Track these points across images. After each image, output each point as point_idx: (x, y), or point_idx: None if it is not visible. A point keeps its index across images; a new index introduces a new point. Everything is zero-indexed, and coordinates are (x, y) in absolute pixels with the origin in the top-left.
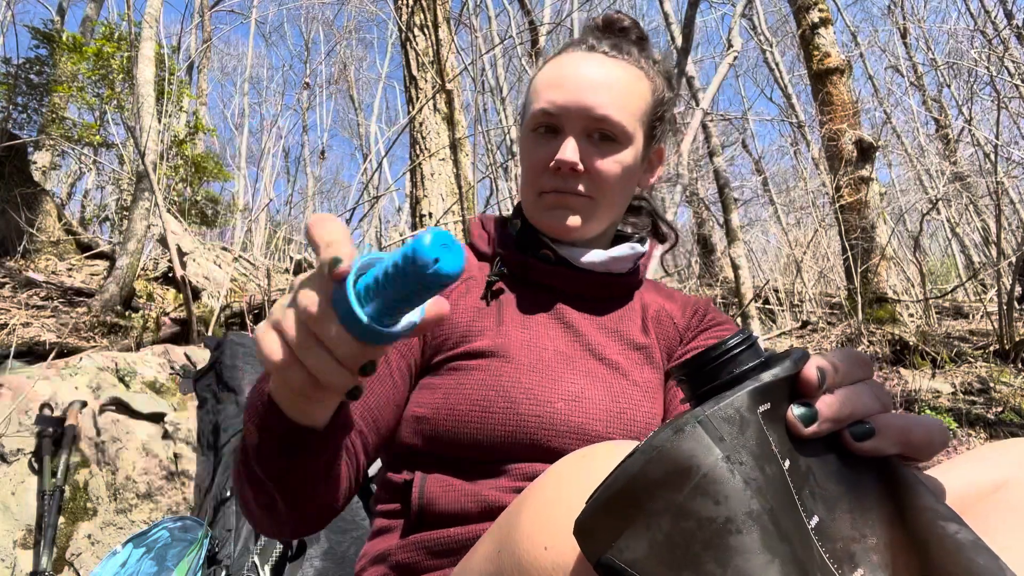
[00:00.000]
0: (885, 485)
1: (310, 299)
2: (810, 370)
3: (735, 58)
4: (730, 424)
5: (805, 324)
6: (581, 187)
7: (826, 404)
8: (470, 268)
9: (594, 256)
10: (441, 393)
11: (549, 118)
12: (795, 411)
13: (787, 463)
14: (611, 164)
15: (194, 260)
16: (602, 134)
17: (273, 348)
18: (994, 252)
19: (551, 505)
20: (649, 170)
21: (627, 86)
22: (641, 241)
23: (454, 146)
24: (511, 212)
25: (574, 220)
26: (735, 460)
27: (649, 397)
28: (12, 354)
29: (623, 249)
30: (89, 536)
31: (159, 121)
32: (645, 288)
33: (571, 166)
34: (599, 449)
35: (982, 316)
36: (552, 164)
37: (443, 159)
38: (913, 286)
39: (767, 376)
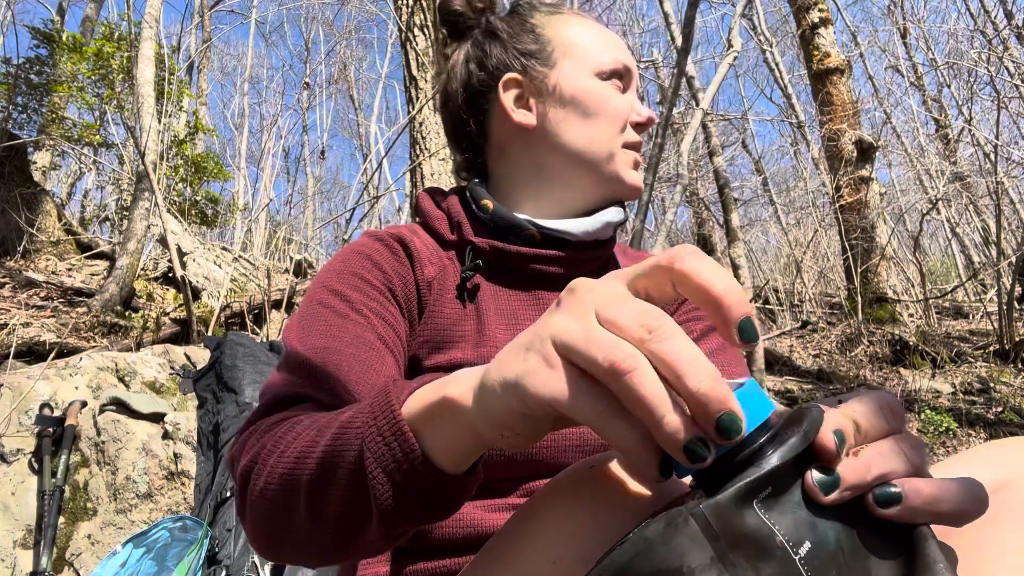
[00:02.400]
0: (904, 558)
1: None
2: (826, 437)
3: (735, 58)
4: (724, 520)
5: (805, 324)
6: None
7: (849, 468)
8: (429, 258)
9: (587, 224)
10: None
11: (624, 72)
12: (814, 477)
13: (806, 546)
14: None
15: (194, 260)
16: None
17: (653, 388)
18: (994, 252)
19: (557, 518)
20: None
21: None
22: (619, 202)
23: None
24: (468, 190)
25: (640, 179)
26: (728, 562)
27: None
28: (12, 354)
29: (615, 213)
30: (89, 536)
31: (159, 121)
32: (617, 256)
33: (653, 123)
34: (607, 458)
35: (982, 316)
36: (644, 120)
37: (443, 159)
38: (913, 286)
39: (767, 465)
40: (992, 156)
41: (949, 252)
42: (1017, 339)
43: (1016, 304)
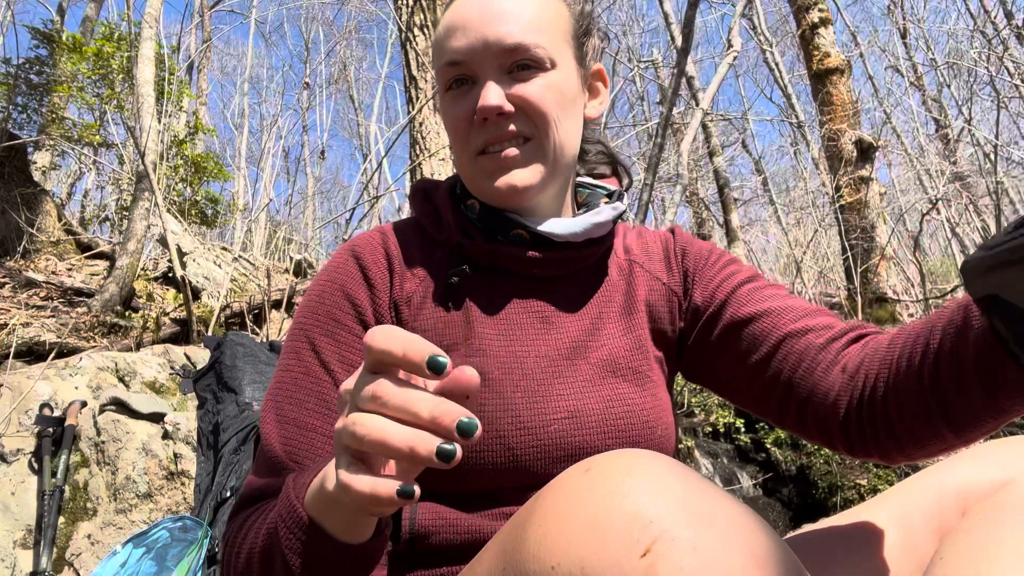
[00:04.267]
0: None
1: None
2: None
3: (735, 58)
4: None
5: None
6: (515, 127)
7: None
8: (411, 267)
9: (573, 225)
10: None
11: (458, 69)
12: None
13: None
14: (540, 90)
15: (194, 260)
16: (521, 65)
17: (398, 434)
18: None
19: (557, 522)
20: (593, 95)
21: (535, 6)
22: (619, 196)
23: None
24: (457, 187)
25: (522, 176)
26: None
27: (643, 389)
28: (12, 354)
29: (604, 212)
30: (89, 536)
31: (159, 121)
32: (617, 243)
33: (496, 110)
34: (603, 461)
35: None
36: (476, 116)
37: (443, 159)
38: (913, 286)
39: None
40: (992, 156)
41: (949, 252)
42: None
43: None
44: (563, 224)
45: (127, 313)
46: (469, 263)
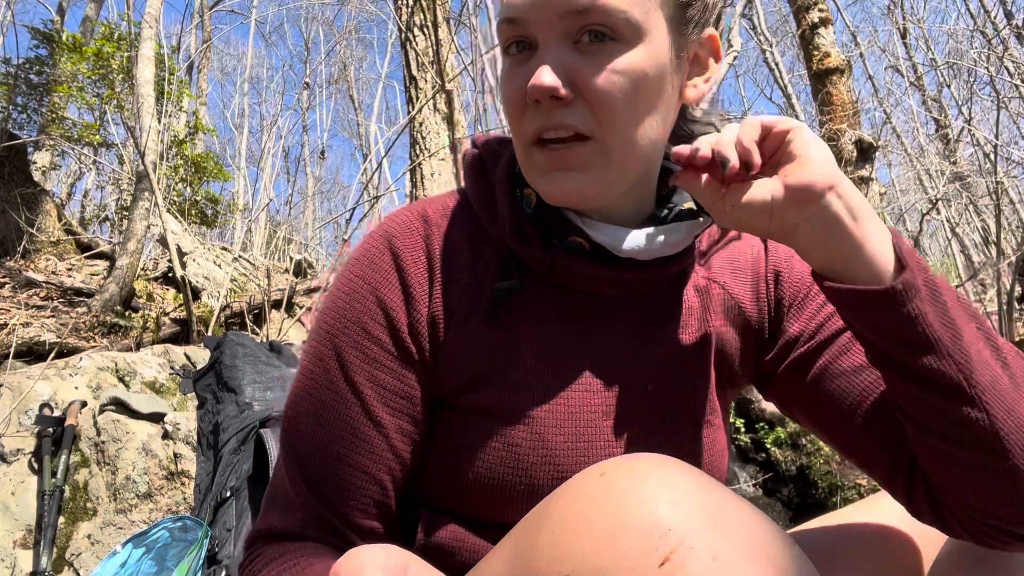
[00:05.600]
0: None
1: None
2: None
3: (735, 58)
4: None
5: None
6: (573, 121)
7: None
8: (456, 267)
9: (640, 239)
10: (449, 464)
11: (514, 29)
12: None
13: None
14: (613, 76)
15: (194, 260)
16: (593, 32)
17: None
18: (994, 252)
19: (571, 528)
20: (697, 71)
21: None
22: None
23: (454, 146)
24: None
25: (579, 182)
26: None
27: (702, 438)
28: (12, 354)
29: (681, 229)
30: (89, 536)
31: (159, 121)
32: (697, 254)
33: (549, 92)
34: (618, 465)
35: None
36: (529, 93)
37: (443, 159)
38: None
39: None
40: (992, 156)
41: (949, 252)
42: (1017, 339)
43: (1016, 304)
44: (629, 237)
45: (127, 313)
46: (521, 271)
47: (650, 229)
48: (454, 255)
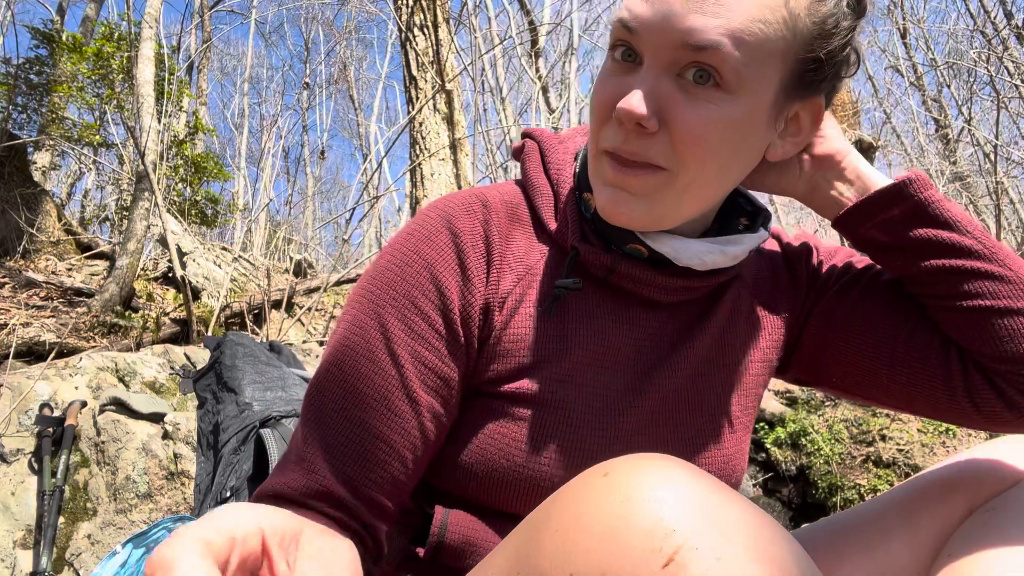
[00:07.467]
0: None
1: None
2: None
3: None
4: None
5: None
6: (652, 154)
7: None
8: (514, 258)
9: (701, 251)
10: (481, 452)
11: (627, 36)
12: None
13: None
14: (707, 124)
15: (194, 260)
16: (700, 72)
17: None
18: None
19: (576, 528)
20: (792, 131)
21: (757, 4)
22: (763, 219)
23: (454, 146)
24: (579, 161)
25: (638, 210)
26: None
27: (731, 441)
28: (12, 354)
29: (743, 242)
30: (89, 536)
31: (159, 121)
32: (766, 257)
33: (635, 120)
34: (622, 464)
35: None
36: (616, 112)
37: (443, 159)
38: None
39: None
40: (992, 156)
41: None
42: None
43: None
44: (688, 248)
45: (127, 313)
46: (581, 272)
47: (710, 243)
48: (509, 244)
